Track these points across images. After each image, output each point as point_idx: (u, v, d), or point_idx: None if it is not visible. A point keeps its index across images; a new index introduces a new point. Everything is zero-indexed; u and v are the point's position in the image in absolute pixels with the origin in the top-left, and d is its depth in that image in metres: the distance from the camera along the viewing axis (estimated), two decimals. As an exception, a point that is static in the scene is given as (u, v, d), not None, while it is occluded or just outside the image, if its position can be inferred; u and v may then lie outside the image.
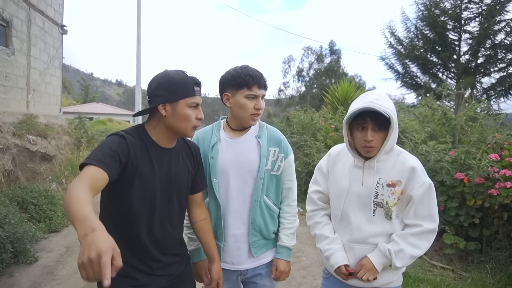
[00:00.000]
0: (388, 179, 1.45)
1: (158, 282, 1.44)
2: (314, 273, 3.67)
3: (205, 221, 1.62)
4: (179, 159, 1.49)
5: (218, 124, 1.76)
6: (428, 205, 1.44)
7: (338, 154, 1.64)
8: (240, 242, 1.68)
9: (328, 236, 1.60)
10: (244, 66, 1.64)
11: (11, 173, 5.58)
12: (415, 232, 1.44)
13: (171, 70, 1.42)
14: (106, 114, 30.18)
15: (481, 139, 3.90)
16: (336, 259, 1.53)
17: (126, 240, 1.36)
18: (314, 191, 1.70)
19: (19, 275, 3.57)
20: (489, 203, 3.30)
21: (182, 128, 1.41)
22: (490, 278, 3.09)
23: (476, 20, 11.89)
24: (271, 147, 1.68)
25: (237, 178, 1.65)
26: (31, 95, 7.79)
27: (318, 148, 6.35)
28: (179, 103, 1.37)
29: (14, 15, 7.02)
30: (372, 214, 1.47)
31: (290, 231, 1.73)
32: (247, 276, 1.72)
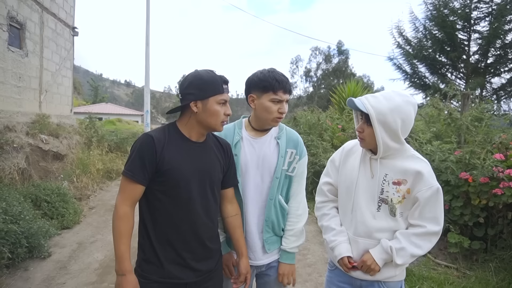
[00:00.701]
0: (394, 177, 1.50)
1: (186, 275, 1.50)
2: (319, 270, 3.73)
3: (236, 217, 1.68)
4: (211, 153, 1.59)
5: (240, 122, 1.83)
6: (434, 208, 1.47)
7: (351, 149, 1.70)
8: (256, 239, 1.75)
9: (334, 228, 1.66)
10: (271, 69, 1.70)
11: (24, 171, 5.74)
12: (418, 232, 1.47)
13: (201, 70, 1.53)
14: (115, 114, 30.54)
15: (486, 139, 3.92)
16: (340, 251, 1.59)
17: (165, 230, 1.48)
18: (325, 183, 1.77)
19: (33, 269, 3.69)
20: (494, 202, 3.32)
21: (212, 123, 1.51)
22: (494, 277, 3.11)
23: (486, 19, 11.79)
24: (289, 148, 1.75)
25: (256, 177, 1.73)
26: (43, 95, 7.98)
27: (324, 148, 6.40)
28: (209, 100, 1.47)
29: (27, 17, 7.21)
30: (376, 209, 1.52)
31: (290, 233, 1.77)
32: (262, 270, 1.80)
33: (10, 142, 5.69)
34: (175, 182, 1.46)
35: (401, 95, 1.49)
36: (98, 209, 6.14)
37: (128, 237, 1.42)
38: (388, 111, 1.43)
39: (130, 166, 1.44)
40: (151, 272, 1.48)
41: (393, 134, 1.45)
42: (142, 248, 1.52)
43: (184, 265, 1.50)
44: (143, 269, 1.49)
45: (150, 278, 1.47)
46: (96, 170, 7.76)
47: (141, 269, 1.49)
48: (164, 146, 1.45)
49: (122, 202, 1.43)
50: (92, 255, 4.12)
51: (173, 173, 1.46)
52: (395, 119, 1.43)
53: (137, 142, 1.48)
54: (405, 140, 1.54)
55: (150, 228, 1.49)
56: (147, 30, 16.54)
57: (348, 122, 7.41)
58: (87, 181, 7.18)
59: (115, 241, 1.41)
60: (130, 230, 1.43)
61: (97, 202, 6.57)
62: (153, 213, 1.49)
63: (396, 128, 1.44)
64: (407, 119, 1.46)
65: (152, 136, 1.45)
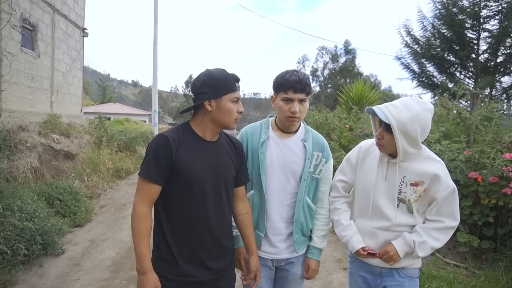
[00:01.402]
0: (412, 179, 1.57)
1: (201, 274, 1.54)
2: (328, 269, 3.76)
3: (247, 215, 1.73)
4: (224, 152, 1.63)
5: (267, 122, 1.89)
6: (451, 205, 1.55)
7: (368, 149, 1.76)
8: (278, 235, 1.81)
9: (343, 223, 1.76)
10: (289, 70, 1.74)
11: (37, 170, 5.85)
12: (437, 227, 1.56)
13: (212, 69, 1.56)
14: (123, 114, 30.80)
15: (496, 139, 3.91)
16: (353, 244, 1.69)
17: (180, 229, 1.51)
18: (339, 180, 1.83)
19: (48, 265, 3.78)
20: (503, 202, 3.32)
21: (226, 121, 1.54)
22: (504, 276, 3.12)
23: (495, 18, 11.66)
24: (315, 151, 1.81)
25: (281, 176, 1.78)
26: (54, 95, 8.11)
27: (332, 147, 6.40)
28: (222, 99, 1.50)
29: (39, 19, 7.34)
30: (396, 207, 1.61)
31: (322, 233, 1.87)
32: (281, 264, 1.87)
33: (24, 142, 5.81)
34: (190, 181, 1.49)
35: (419, 102, 1.53)
36: (108, 208, 6.23)
37: (147, 236, 1.46)
38: (409, 120, 1.47)
39: (146, 167, 1.46)
40: (166, 270, 1.51)
41: (412, 141, 1.51)
42: (157, 246, 1.55)
43: (199, 264, 1.54)
44: (159, 267, 1.51)
45: (165, 276, 1.50)
46: (106, 169, 7.87)
47: (157, 267, 1.51)
48: (179, 146, 1.48)
49: (140, 202, 1.46)
50: (104, 253, 4.20)
51: (188, 173, 1.48)
52: (415, 127, 1.47)
53: (152, 143, 1.51)
54: None
55: (165, 226, 1.52)
56: (155, 30, 16.66)
57: (355, 122, 7.41)
58: (98, 180, 7.29)
59: (135, 241, 1.45)
60: (149, 230, 1.47)
61: (107, 201, 6.67)
62: (168, 212, 1.52)
63: (416, 136, 1.49)
64: (426, 126, 1.51)
65: (167, 137, 1.48)
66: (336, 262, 3.98)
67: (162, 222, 1.53)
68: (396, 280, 1.64)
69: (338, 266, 3.87)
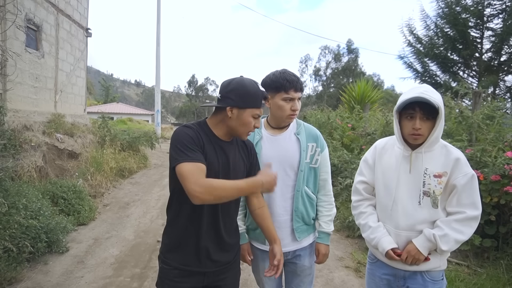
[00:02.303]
0: (435, 170, 1.57)
1: (206, 265, 1.59)
2: (330, 267, 3.78)
3: (263, 209, 1.75)
4: (236, 152, 1.67)
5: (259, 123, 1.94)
6: (471, 193, 1.54)
7: (384, 147, 1.78)
8: (284, 228, 1.88)
9: (371, 225, 1.74)
10: (282, 70, 1.83)
11: (42, 169, 5.91)
12: (458, 218, 1.53)
13: (247, 79, 1.57)
14: (126, 114, 30.93)
15: (498, 138, 3.91)
16: (383, 246, 1.66)
17: (189, 221, 1.56)
18: (360, 182, 1.84)
19: (52, 263, 3.83)
20: (505, 200, 3.33)
21: (240, 132, 1.58)
22: (505, 274, 3.13)
23: (499, 17, 11.62)
24: (309, 142, 1.88)
25: (279, 171, 1.82)
26: (58, 95, 8.18)
27: (334, 146, 6.42)
28: (246, 111, 1.53)
29: (44, 19, 7.40)
30: (418, 203, 1.60)
31: (328, 218, 1.94)
32: (289, 258, 1.92)
33: (28, 141, 5.87)
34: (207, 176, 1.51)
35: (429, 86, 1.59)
36: (112, 206, 6.28)
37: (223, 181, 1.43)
38: (442, 103, 1.54)
39: (189, 156, 1.41)
40: (173, 260, 1.57)
41: (443, 125, 1.57)
42: (167, 235, 1.62)
43: (205, 256, 1.58)
44: (166, 256, 1.59)
45: (172, 264, 1.57)
46: (109, 169, 7.91)
47: (164, 256, 1.60)
48: (203, 141, 1.52)
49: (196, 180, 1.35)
50: (107, 250, 4.24)
51: (209, 168, 1.49)
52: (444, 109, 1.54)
53: (178, 135, 1.49)
54: None
55: (176, 218, 1.58)
56: (158, 30, 16.71)
57: (358, 121, 7.41)
58: (101, 179, 7.33)
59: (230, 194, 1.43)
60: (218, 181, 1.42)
61: (111, 200, 6.72)
62: (180, 204, 1.57)
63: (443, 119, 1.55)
64: None
65: (192, 128, 1.53)
66: (337, 260, 4.00)
67: (174, 213, 1.59)
68: (419, 283, 1.63)
69: (340, 264, 3.89)
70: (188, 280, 1.58)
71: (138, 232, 4.92)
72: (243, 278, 3.50)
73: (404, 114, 1.61)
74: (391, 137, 1.79)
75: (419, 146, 1.61)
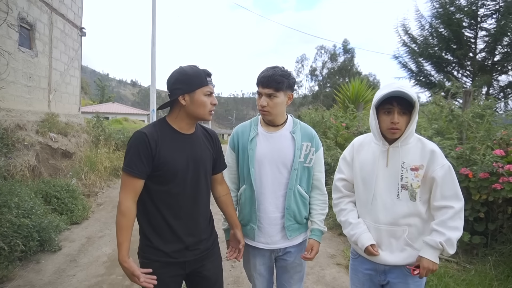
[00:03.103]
0: (412, 164, 1.60)
1: (185, 255, 1.65)
2: (321, 264, 3.81)
3: (227, 196, 1.87)
4: (201, 143, 1.72)
5: (256, 119, 1.99)
6: (452, 185, 1.57)
7: (361, 144, 1.81)
8: (275, 225, 1.89)
9: (351, 222, 1.76)
10: (270, 67, 1.86)
11: (35, 168, 5.89)
12: (450, 215, 1.55)
13: (185, 66, 1.64)
14: (122, 114, 30.79)
15: (488, 136, 3.96)
16: (362, 242, 1.69)
17: (164, 217, 1.60)
18: (339, 179, 1.87)
19: (45, 261, 3.83)
20: (493, 197, 3.37)
21: (201, 114, 1.61)
22: (492, 270, 3.16)
23: (493, 17, 11.70)
24: (304, 141, 1.89)
25: (272, 168, 1.86)
26: (52, 95, 8.14)
27: (328, 145, 6.44)
28: (196, 93, 1.58)
29: (37, 18, 7.37)
30: (397, 196, 1.62)
31: (322, 216, 1.95)
32: (279, 254, 1.95)
33: (21, 140, 5.85)
34: (172, 174, 1.58)
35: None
36: (105, 206, 6.27)
37: (128, 230, 1.54)
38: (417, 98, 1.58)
39: (128, 163, 1.54)
40: (152, 253, 1.61)
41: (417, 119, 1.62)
42: (143, 232, 1.65)
43: (183, 246, 1.63)
44: (145, 251, 1.63)
45: (151, 258, 1.60)
46: (103, 168, 7.91)
47: (143, 251, 1.64)
48: (158, 142, 1.56)
49: (124, 196, 1.54)
50: (100, 249, 4.24)
51: (169, 166, 1.57)
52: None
53: (132, 139, 1.58)
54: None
55: (151, 214, 1.61)
56: (153, 30, 16.66)
57: (352, 120, 7.44)
58: (95, 178, 7.33)
59: (116, 233, 1.54)
60: (130, 224, 1.55)
61: (104, 199, 6.71)
62: (153, 201, 1.60)
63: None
64: None
65: (144, 133, 1.56)
66: (329, 258, 4.02)
67: (148, 212, 1.62)
68: (399, 277, 1.66)
69: (332, 261, 3.91)
70: (169, 270, 1.62)
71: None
72: (235, 275, 3.53)
73: (382, 110, 1.64)
74: (368, 134, 1.82)
75: (396, 140, 1.64)
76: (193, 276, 1.72)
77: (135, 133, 1.60)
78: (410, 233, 1.63)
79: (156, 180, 1.58)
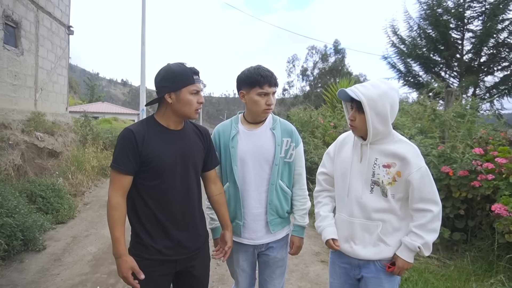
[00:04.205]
0: (384, 161, 1.63)
1: (176, 253, 1.65)
2: (306, 261, 3.85)
3: (220, 195, 1.86)
4: (190, 138, 1.73)
5: (236, 118, 2.01)
6: (430, 188, 1.59)
7: (344, 140, 1.85)
8: (258, 220, 1.93)
9: (321, 214, 1.85)
10: (257, 66, 1.88)
11: (20, 168, 5.82)
12: (429, 219, 1.57)
13: (172, 64, 1.65)
14: (112, 114, 30.50)
15: (469, 135, 4.05)
16: (325, 234, 1.78)
17: (155, 213, 1.61)
18: (320, 173, 1.93)
19: (28, 261, 3.79)
20: (473, 194, 3.45)
21: (187, 112, 1.63)
22: (470, 265, 3.24)
23: (479, 19, 11.90)
24: (284, 137, 1.93)
25: (254, 165, 1.89)
26: (38, 93, 8.05)
27: (316, 144, 6.50)
28: (182, 91, 1.59)
29: (23, 16, 7.28)
30: (370, 191, 1.66)
31: (303, 212, 1.99)
32: (262, 250, 1.98)
33: (6, 139, 5.77)
34: (160, 169, 1.59)
35: (385, 82, 1.63)
36: (92, 205, 6.23)
37: (122, 223, 1.55)
38: (378, 97, 1.56)
39: (116, 160, 1.56)
40: (143, 251, 1.61)
41: (382, 118, 1.58)
42: (135, 232, 1.65)
43: (175, 244, 1.64)
44: (136, 249, 1.63)
45: (142, 256, 1.61)
46: (91, 167, 7.85)
47: (134, 248, 1.64)
48: (145, 138, 1.57)
49: (113, 192, 1.56)
50: (86, 248, 4.22)
51: (157, 161, 1.58)
52: (384, 104, 1.56)
53: (119, 137, 1.60)
54: None
55: (141, 213, 1.62)
56: (143, 29, 16.57)
57: (339, 120, 7.52)
58: (82, 178, 7.27)
59: (110, 229, 1.54)
60: (122, 217, 1.57)
61: (91, 198, 6.67)
62: (142, 199, 1.61)
63: (385, 113, 1.57)
64: (394, 103, 1.60)
65: (131, 130, 1.58)
66: (314, 255, 4.07)
67: (137, 208, 1.62)
68: (372, 272, 1.69)
69: (316, 259, 3.96)
70: (160, 268, 1.63)
71: (117, 230, 4.89)
72: (220, 273, 3.55)
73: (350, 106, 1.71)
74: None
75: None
76: (182, 274, 1.73)
77: (123, 130, 1.63)
78: (384, 229, 1.65)
79: (145, 176, 1.59)
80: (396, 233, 1.66)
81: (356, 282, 1.78)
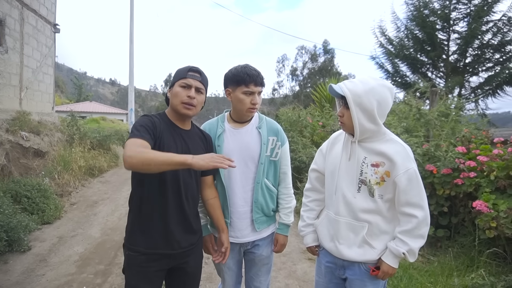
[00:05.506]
0: (373, 160, 1.59)
1: (172, 247, 1.66)
2: (293, 259, 3.88)
3: (215, 199, 1.88)
4: (195, 140, 1.78)
5: (223, 116, 2.02)
6: (418, 190, 1.53)
7: (336, 137, 1.85)
8: (244, 219, 1.94)
9: (305, 220, 1.90)
10: (244, 65, 1.89)
11: (4, 168, 5.72)
12: (414, 225, 1.53)
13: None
14: (99, 113, 30.12)
15: (453, 133, 4.14)
16: (307, 241, 1.88)
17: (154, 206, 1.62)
18: (312, 170, 1.94)
19: (13, 262, 3.73)
20: (455, 192, 3.53)
21: (174, 104, 1.67)
22: (453, 261, 3.32)
23: (464, 20, 12.14)
24: (270, 136, 1.95)
25: (240, 163, 1.88)
26: (24, 92, 7.91)
27: (304, 144, 6.54)
28: (175, 85, 1.68)
29: (7, 14, 7.14)
30: (357, 190, 1.62)
31: (288, 210, 2.01)
32: (248, 248, 2.00)
33: (-11, 139, 5.67)
34: None
35: (375, 79, 1.59)
36: (79, 205, 6.16)
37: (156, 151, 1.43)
38: (363, 93, 1.52)
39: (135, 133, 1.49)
40: (139, 245, 1.62)
41: (369, 115, 1.54)
42: (131, 223, 1.67)
43: (171, 238, 1.65)
44: (131, 243, 1.64)
45: (138, 250, 1.62)
46: (78, 167, 7.75)
47: (129, 243, 1.65)
48: (160, 127, 1.62)
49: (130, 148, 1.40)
50: (72, 248, 4.17)
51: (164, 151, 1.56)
52: (371, 100, 1.52)
53: (139, 119, 1.63)
54: None
55: (139, 205, 1.64)
56: (131, 28, 16.44)
57: (328, 119, 7.58)
58: (69, 177, 7.17)
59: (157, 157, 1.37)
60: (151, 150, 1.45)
61: (78, 198, 6.59)
62: (143, 191, 1.63)
63: (372, 109, 1.52)
64: (383, 101, 1.55)
65: (151, 116, 1.66)
66: (302, 253, 4.10)
67: (137, 200, 1.65)
68: (357, 274, 1.67)
69: (303, 256, 3.99)
70: (155, 264, 1.64)
71: (105, 229, 4.85)
72: (208, 271, 3.55)
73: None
74: None
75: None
76: (175, 271, 1.75)
77: (142, 115, 1.68)
78: (370, 231, 1.62)
79: None
80: (383, 236, 1.63)
81: (341, 281, 1.78)
